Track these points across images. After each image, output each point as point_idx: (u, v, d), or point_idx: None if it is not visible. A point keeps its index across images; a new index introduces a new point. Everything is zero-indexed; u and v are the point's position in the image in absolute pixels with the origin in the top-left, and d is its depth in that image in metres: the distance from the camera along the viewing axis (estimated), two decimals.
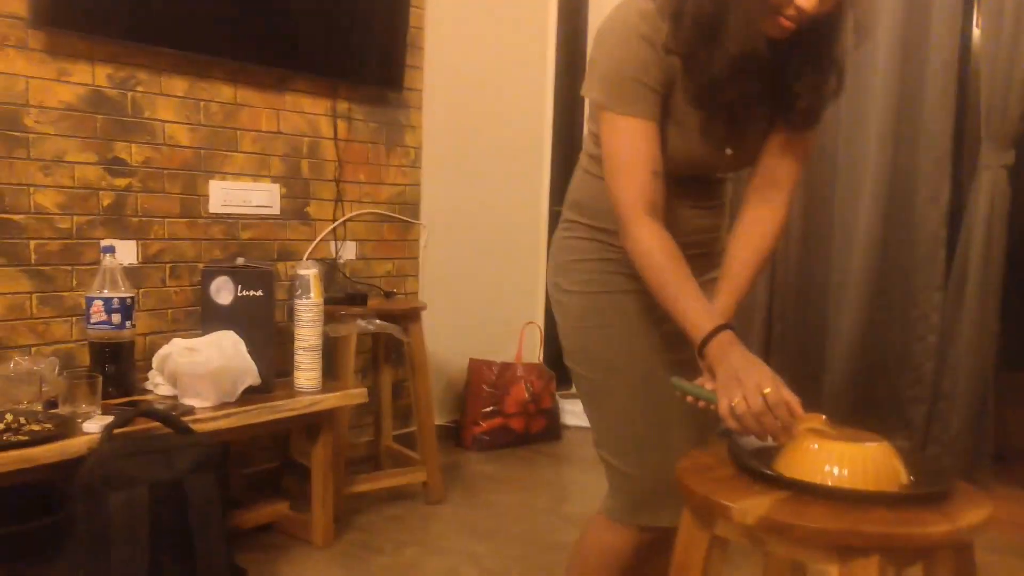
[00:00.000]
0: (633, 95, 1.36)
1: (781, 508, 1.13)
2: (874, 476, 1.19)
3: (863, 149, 3.23)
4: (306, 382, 2.50)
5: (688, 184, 1.49)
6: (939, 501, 1.17)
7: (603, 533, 1.59)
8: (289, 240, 2.99)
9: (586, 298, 1.53)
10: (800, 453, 1.24)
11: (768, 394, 1.21)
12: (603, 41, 1.40)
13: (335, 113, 3.08)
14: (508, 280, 3.92)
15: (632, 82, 1.35)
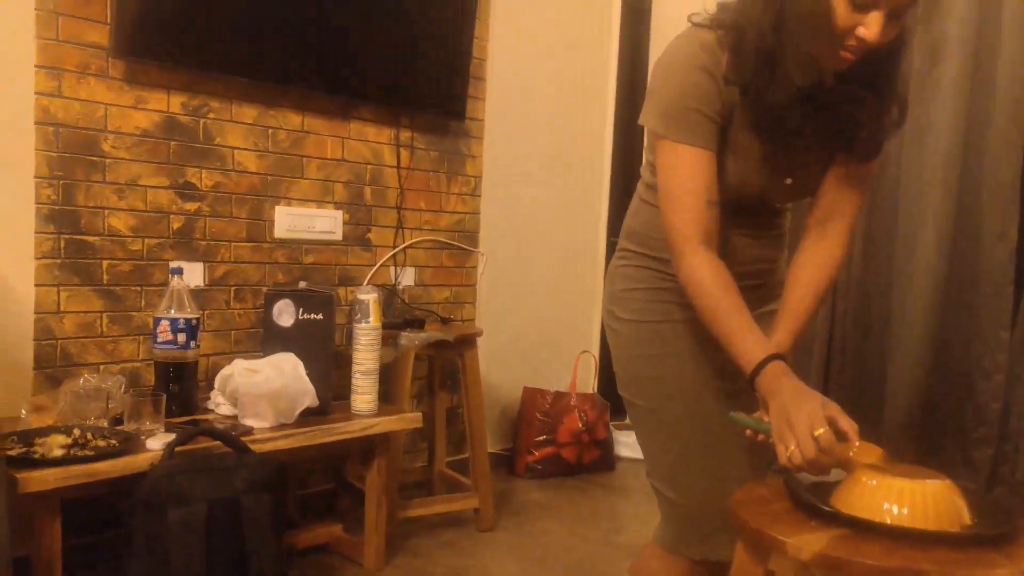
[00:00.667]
0: (691, 124, 1.36)
1: (838, 545, 1.12)
2: (935, 515, 1.17)
3: (926, 182, 3.17)
4: (362, 405, 2.53)
5: (746, 214, 1.49)
6: (1002, 542, 1.14)
7: (656, 563, 1.58)
8: (350, 265, 3.05)
9: (640, 327, 1.53)
10: (859, 489, 1.22)
11: (821, 436, 1.18)
12: (663, 70, 1.41)
13: (398, 142, 3.14)
14: (564, 309, 3.93)
15: (690, 111, 1.36)
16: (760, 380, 1.29)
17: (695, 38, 1.38)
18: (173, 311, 2.33)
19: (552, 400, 3.62)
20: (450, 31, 3.17)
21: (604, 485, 3.59)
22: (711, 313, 1.36)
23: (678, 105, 1.37)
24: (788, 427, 1.21)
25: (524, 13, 3.56)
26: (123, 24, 2.39)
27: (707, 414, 1.50)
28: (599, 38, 3.95)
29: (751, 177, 1.42)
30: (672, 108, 1.38)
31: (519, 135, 3.60)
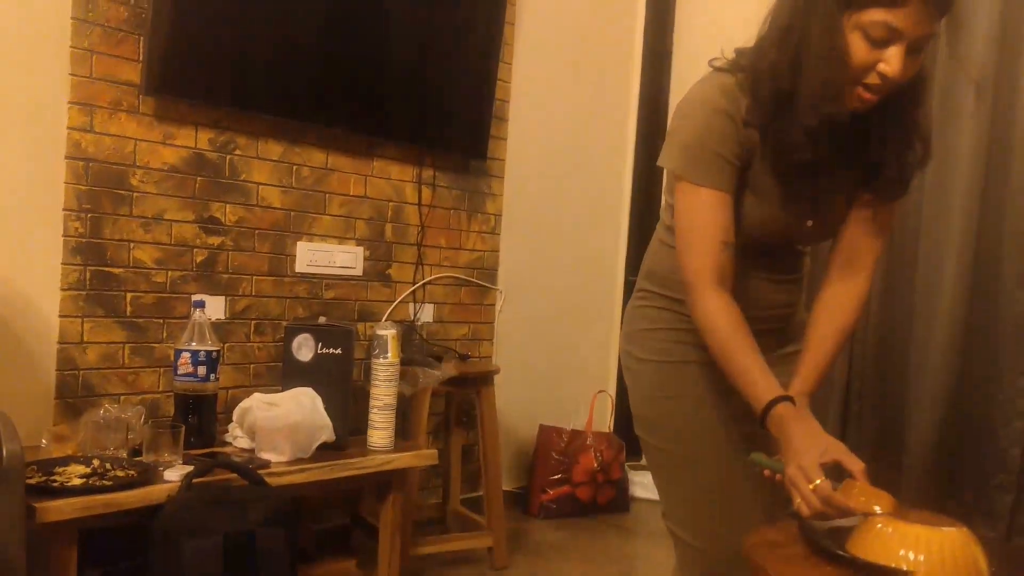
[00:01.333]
0: (709, 166, 1.37)
1: None
2: (952, 564, 1.16)
3: (946, 225, 3.17)
4: (379, 441, 2.53)
5: (766, 257, 1.50)
6: None
7: None
8: (370, 301, 3.07)
9: (658, 367, 1.54)
10: (875, 535, 1.21)
11: (818, 488, 1.19)
12: (683, 113, 1.42)
13: (420, 180, 3.18)
14: (581, 348, 3.93)
15: (710, 153, 1.37)
16: (769, 421, 1.30)
17: (715, 82, 1.39)
18: (194, 343, 2.35)
19: (568, 439, 3.61)
20: (475, 73, 3.22)
21: (618, 526, 3.56)
22: (723, 353, 1.37)
23: (697, 147, 1.38)
24: (792, 479, 1.23)
25: (547, 55, 3.61)
26: (154, 62, 2.45)
27: (725, 456, 1.50)
28: (620, 80, 4.00)
29: (772, 219, 1.43)
30: (691, 150, 1.39)
31: (539, 174, 3.64)
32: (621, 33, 3.97)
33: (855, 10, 1.24)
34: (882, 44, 1.24)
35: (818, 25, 1.27)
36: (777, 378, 1.52)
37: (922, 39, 1.25)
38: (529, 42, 3.52)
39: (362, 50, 2.88)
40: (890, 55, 1.25)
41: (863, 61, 1.26)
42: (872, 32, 1.24)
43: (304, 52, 2.74)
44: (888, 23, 1.22)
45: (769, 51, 1.34)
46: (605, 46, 3.91)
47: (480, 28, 3.21)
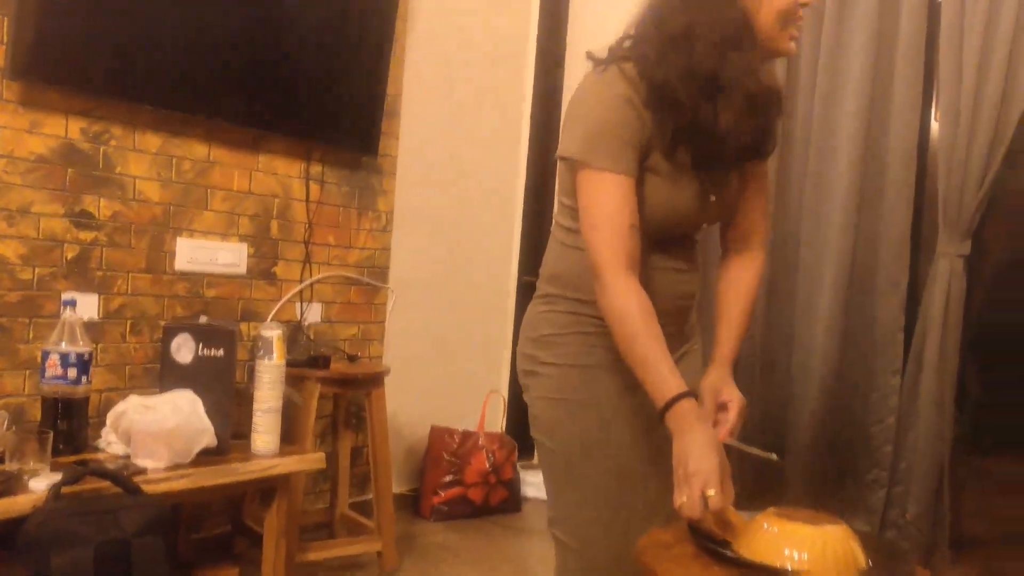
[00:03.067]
0: (612, 152, 1.37)
1: None
2: (833, 560, 1.19)
3: (824, 235, 3.30)
4: (263, 445, 2.45)
5: (668, 246, 1.50)
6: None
7: None
8: (254, 300, 2.97)
9: (566, 371, 1.51)
10: (760, 535, 1.23)
11: (711, 498, 1.21)
12: (582, 101, 1.42)
13: (308, 176, 3.10)
14: (474, 348, 3.91)
15: (612, 139, 1.37)
16: (670, 416, 1.28)
17: (609, 72, 1.40)
18: (64, 344, 2.22)
19: (460, 440, 3.58)
20: (365, 67, 3.15)
21: (510, 527, 3.56)
22: (630, 340, 1.34)
23: (598, 134, 1.38)
24: (684, 480, 1.23)
25: (439, 51, 3.57)
26: (21, 45, 2.30)
27: (625, 462, 1.49)
28: (513, 77, 4.00)
29: (679, 199, 1.44)
30: (592, 137, 1.38)
31: (432, 172, 3.60)
32: (514, 30, 3.97)
33: None
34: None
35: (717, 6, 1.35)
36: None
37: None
38: (421, 37, 3.47)
39: (248, 39, 2.78)
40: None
41: (786, 4, 1.37)
42: None
43: (186, 39, 2.62)
44: None
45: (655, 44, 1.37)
46: (498, 43, 3.90)
47: (371, 22, 3.14)
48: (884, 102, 3.21)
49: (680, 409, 1.28)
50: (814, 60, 3.32)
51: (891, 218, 3.19)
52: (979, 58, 2.97)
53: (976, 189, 3.01)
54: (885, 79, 3.20)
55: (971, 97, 2.99)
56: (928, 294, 3.13)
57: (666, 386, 1.30)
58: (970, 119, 3.00)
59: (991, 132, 2.97)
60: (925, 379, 3.10)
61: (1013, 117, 2.96)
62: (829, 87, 3.29)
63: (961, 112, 3.02)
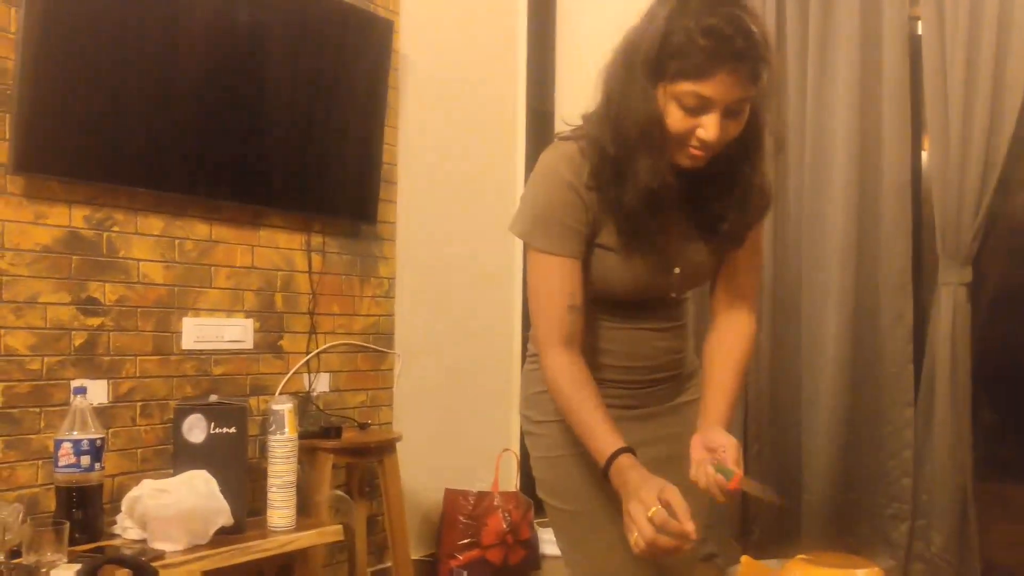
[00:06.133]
0: (554, 235, 1.41)
1: None
2: None
3: (826, 271, 3.31)
4: (280, 520, 2.44)
5: (647, 308, 1.52)
6: None
7: None
8: (262, 374, 2.98)
9: (555, 427, 1.52)
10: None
11: (653, 516, 1.21)
12: (531, 182, 1.47)
13: (309, 247, 3.12)
14: (483, 407, 3.90)
15: (555, 223, 1.41)
16: (611, 475, 1.32)
17: (559, 152, 1.44)
18: (75, 432, 2.22)
19: (475, 501, 3.55)
20: (360, 137, 3.20)
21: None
22: (567, 410, 1.41)
23: (543, 218, 1.43)
24: (629, 517, 1.24)
25: (432, 118, 3.62)
26: (21, 139, 2.34)
27: None
28: (506, 139, 4.05)
29: (640, 273, 1.45)
30: (537, 220, 1.43)
31: (432, 236, 3.63)
32: (504, 94, 4.04)
33: (667, 82, 1.30)
34: (697, 112, 1.30)
35: (634, 97, 1.32)
36: (672, 428, 1.55)
37: (736, 103, 1.30)
38: (414, 105, 3.53)
39: (242, 118, 2.82)
40: (706, 121, 1.30)
41: (681, 128, 1.31)
42: (685, 101, 1.29)
43: (181, 123, 2.67)
44: (698, 93, 1.28)
45: (595, 122, 1.40)
46: (489, 107, 3.96)
47: (363, 92, 3.20)
48: (874, 137, 3.25)
49: (618, 466, 1.31)
50: (801, 101, 3.37)
51: (890, 251, 3.21)
52: (964, 86, 3.02)
53: (972, 216, 3.03)
54: (872, 114, 3.25)
55: (959, 124, 3.03)
56: (933, 324, 3.14)
57: (602, 448, 1.34)
58: (960, 146, 3.04)
59: (983, 158, 3.00)
60: (939, 409, 3.09)
61: (1003, 141, 2.99)
62: (817, 127, 3.34)
63: (951, 140, 3.06)
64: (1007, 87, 2.99)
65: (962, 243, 3.06)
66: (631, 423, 1.50)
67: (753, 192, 1.43)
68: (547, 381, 1.44)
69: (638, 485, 1.27)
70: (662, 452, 1.53)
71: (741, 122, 1.33)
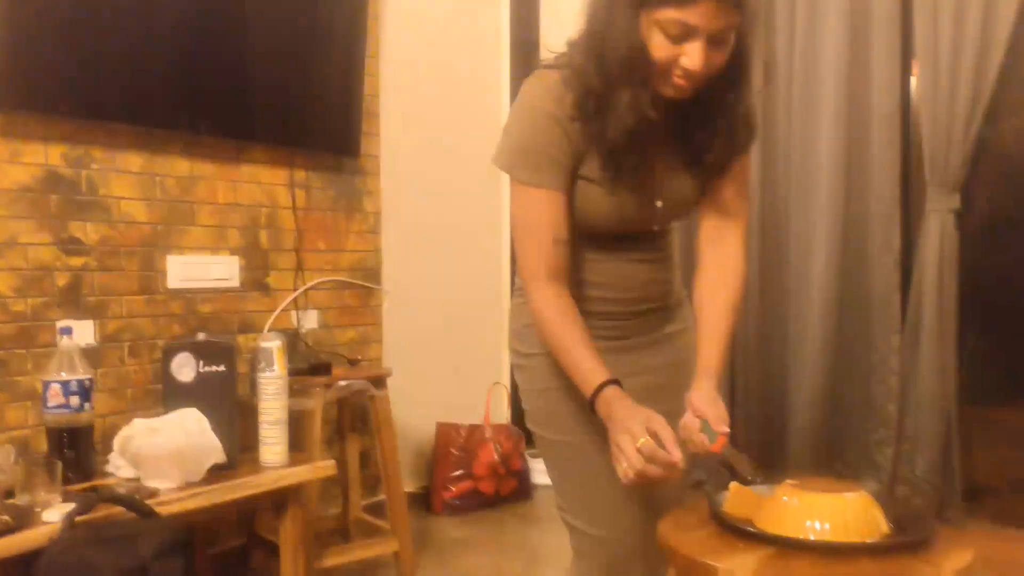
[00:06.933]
0: (538, 167, 1.39)
1: (768, 566, 1.13)
2: (855, 527, 1.20)
3: (814, 200, 3.31)
4: (272, 457, 2.44)
5: (629, 240, 1.50)
6: (921, 548, 1.17)
7: None
8: (249, 312, 2.96)
9: (545, 360, 1.51)
10: (780, 508, 1.24)
11: (642, 446, 1.22)
12: (513, 113, 1.45)
13: (293, 182, 3.08)
14: (473, 341, 3.91)
15: (538, 155, 1.39)
16: (598, 406, 1.33)
17: (541, 80, 1.41)
18: (64, 373, 2.20)
19: (466, 434, 3.59)
20: (340, 68, 3.13)
21: (523, 515, 3.57)
22: (552, 344, 1.41)
23: (524, 147, 1.40)
24: (618, 447, 1.26)
25: (415, 48, 3.55)
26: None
27: None
28: (490, 71, 3.98)
29: (622, 206, 1.44)
30: (519, 152, 1.41)
31: (417, 169, 3.58)
32: (488, 22, 3.95)
33: (650, 9, 1.26)
34: (681, 40, 1.27)
35: (617, 25, 1.29)
36: (659, 358, 1.55)
37: (721, 32, 1.27)
38: (396, 35, 3.45)
39: (220, 50, 2.75)
40: (690, 50, 1.27)
41: (665, 57, 1.28)
42: (669, 29, 1.26)
43: (159, 56, 2.60)
44: (682, 20, 1.25)
45: (577, 54, 1.36)
46: (473, 36, 3.88)
47: (343, 22, 3.12)
48: (863, 64, 3.21)
49: (604, 397, 1.32)
50: (790, 29, 3.32)
51: (879, 179, 3.20)
52: (955, 12, 2.97)
53: (961, 143, 3.02)
54: (862, 41, 3.21)
55: (949, 52, 2.99)
56: (921, 251, 3.14)
57: (588, 380, 1.35)
58: (950, 74, 3.00)
59: (972, 84, 2.98)
60: (925, 336, 3.11)
61: (992, 67, 2.96)
62: (806, 55, 3.30)
63: (940, 67, 3.02)
64: (997, 14, 2.94)
65: (950, 170, 3.05)
66: (618, 354, 1.50)
67: (738, 122, 1.41)
68: (533, 314, 1.44)
69: (625, 416, 1.28)
70: (649, 382, 1.53)
71: (725, 51, 1.31)
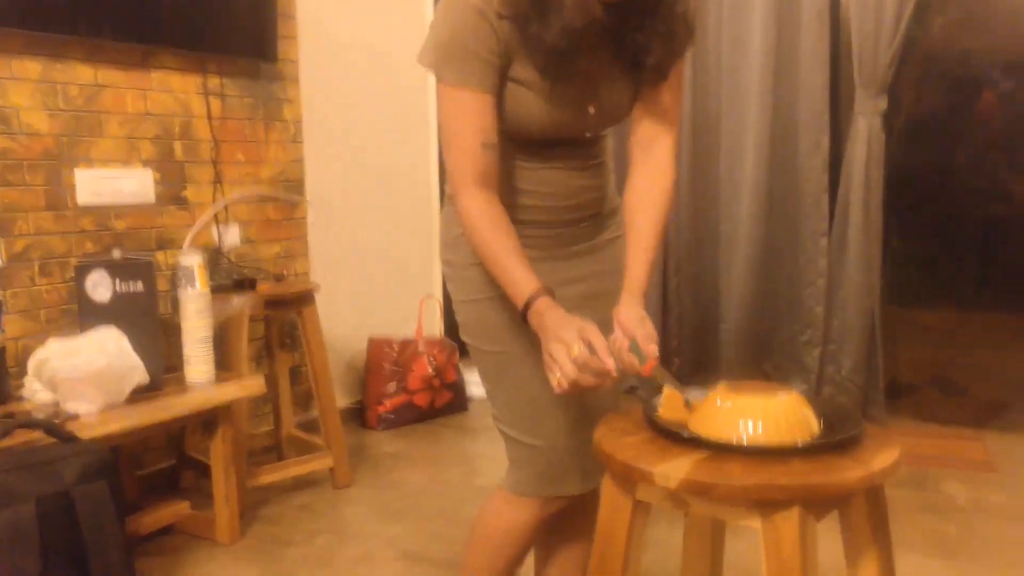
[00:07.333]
0: (466, 66, 1.32)
1: (701, 469, 1.13)
2: (787, 428, 1.20)
3: (744, 103, 3.28)
4: (198, 376, 2.38)
5: (562, 147, 1.46)
6: (851, 447, 1.18)
7: (506, 509, 1.55)
8: (167, 227, 2.84)
9: (478, 271, 1.47)
10: (714, 411, 1.24)
11: (576, 356, 1.21)
12: (439, 10, 1.36)
13: (207, 90, 2.92)
14: (402, 254, 3.84)
15: (466, 52, 1.32)
16: (530, 317, 1.31)
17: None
18: None
19: (399, 348, 3.55)
20: None
21: (459, 427, 3.58)
22: (483, 255, 1.37)
23: (450, 48, 1.33)
24: (551, 357, 1.24)
25: None
26: None
27: None
28: None
29: (553, 111, 1.39)
30: (447, 50, 1.34)
31: (339, 75, 3.44)
32: None
33: None
34: None
35: None
36: (594, 266, 1.52)
37: None
38: None
39: None
40: None
41: None
42: None
43: None
44: None
45: None
46: None
47: None
48: None
49: (536, 307, 1.30)
50: None
51: (808, 80, 3.18)
52: None
53: (890, 41, 3.01)
54: None
55: None
56: (849, 153, 3.16)
57: (520, 290, 1.32)
58: None
59: None
60: (852, 238, 3.16)
61: None
62: None
63: None
64: None
65: (879, 72, 3.04)
66: (552, 263, 1.47)
67: (678, 24, 1.36)
68: (462, 223, 1.39)
69: (557, 325, 1.25)
70: (585, 290, 1.51)
71: None
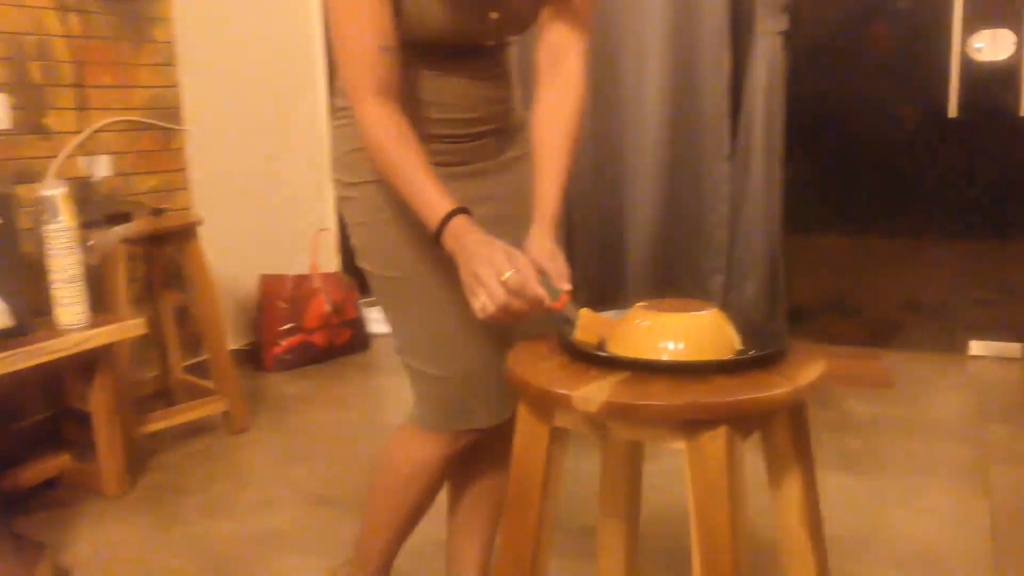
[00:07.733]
0: None
1: (622, 390, 1.05)
2: (710, 345, 1.14)
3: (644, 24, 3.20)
4: (70, 318, 2.19)
5: (462, 55, 1.35)
6: (776, 363, 1.13)
7: (413, 444, 1.47)
8: (27, 159, 2.58)
9: (375, 188, 1.36)
10: (633, 330, 1.16)
11: (508, 280, 1.14)
12: None
13: (62, 4, 2.65)
14: (292, 185, 3.64)
15: None
16: (445, 239, 1.21)
17: None
18: None
19: (293, 285, 3.39)
20: None
21: (360, 365, 3.47)
22: (389, 172, 1.26)
23: None
24: (476, 280, 1.16)
25: None
26: None
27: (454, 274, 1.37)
28: None
29: (453, 15, 1.28)
30: None
31: None
32: None
33: None
34: None
35: None
36: (501, 187, 1.43)
37: None
38: None
39: None
40: None
41: None
42: None
43: None
44: None
45: None
46: None
47: None
48: None
49: (453, 228, 1.21)
50: None
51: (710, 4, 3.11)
52: None
53: None
54: None
55: None
56: (750, 76, 3.12)
57: (433, 209, 1.22)
58: None
59: None
60: (753, 163, 3.14)
61: None
62: None
63: None
64: None
65: None
66: (458, 180, 1.36)
67: None
68: (363, 136, 1.27)
69: (482, 247, 1.17)
70: (493, 211, 1.41)
71: None
